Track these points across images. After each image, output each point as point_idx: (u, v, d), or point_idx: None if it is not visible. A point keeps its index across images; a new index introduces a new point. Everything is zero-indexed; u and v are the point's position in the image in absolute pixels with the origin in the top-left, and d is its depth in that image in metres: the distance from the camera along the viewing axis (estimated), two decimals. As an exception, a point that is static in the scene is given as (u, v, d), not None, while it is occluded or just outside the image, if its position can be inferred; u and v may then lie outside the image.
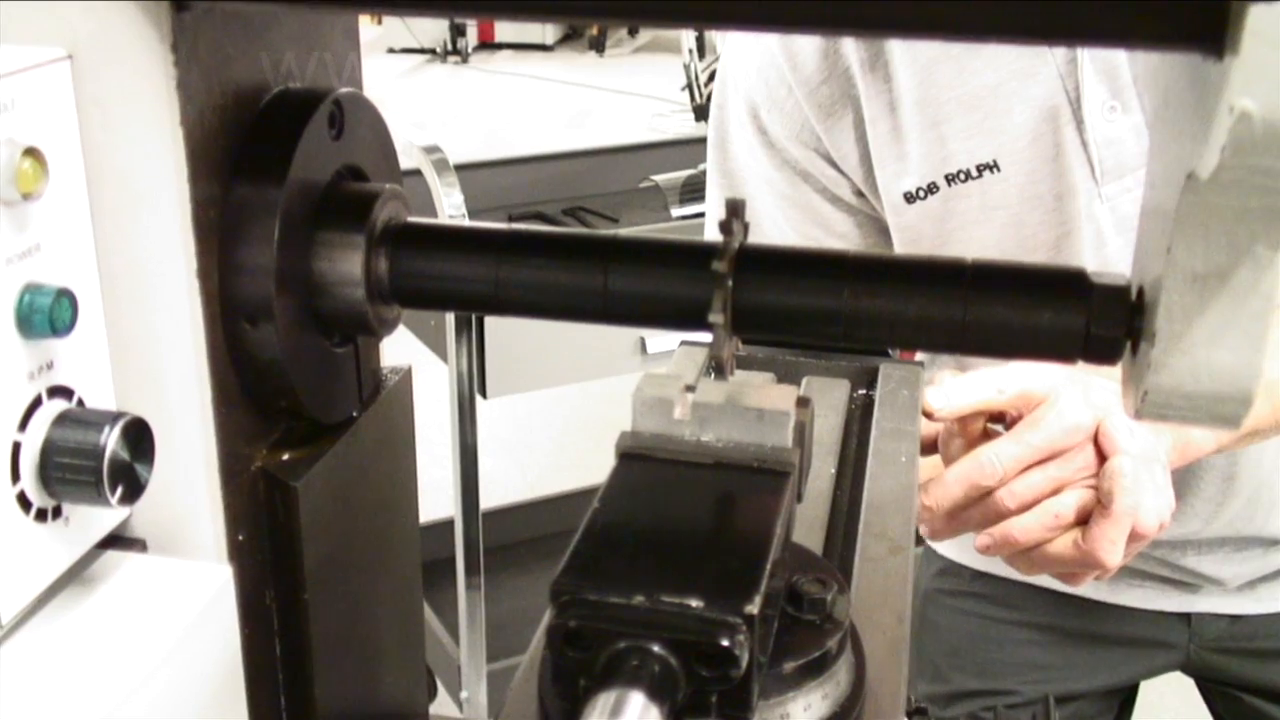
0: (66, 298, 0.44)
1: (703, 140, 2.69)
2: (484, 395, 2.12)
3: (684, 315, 0.53)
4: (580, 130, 7.34)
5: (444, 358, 2.11)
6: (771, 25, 0.46)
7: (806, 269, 0.53)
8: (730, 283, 0.52)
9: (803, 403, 0.58)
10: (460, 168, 2.19)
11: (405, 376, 0.63)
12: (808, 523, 0.75)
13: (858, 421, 0.89)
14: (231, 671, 0.52)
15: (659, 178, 2.46)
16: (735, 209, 0.53)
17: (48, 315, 0.44)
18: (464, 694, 2.34)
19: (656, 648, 0.45)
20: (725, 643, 0.44)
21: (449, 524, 2.24)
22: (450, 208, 2.03)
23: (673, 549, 0.49)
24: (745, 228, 0.54)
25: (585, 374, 2.19)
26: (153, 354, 0.50)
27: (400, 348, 0.69)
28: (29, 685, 0.44)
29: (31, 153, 0.42)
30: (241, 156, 0.52)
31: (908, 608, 0.69)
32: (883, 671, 0.63)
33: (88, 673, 0.45)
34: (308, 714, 0.59)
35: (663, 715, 0.44)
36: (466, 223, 0.54)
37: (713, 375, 0.55)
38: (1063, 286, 0.51)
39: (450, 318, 2.06)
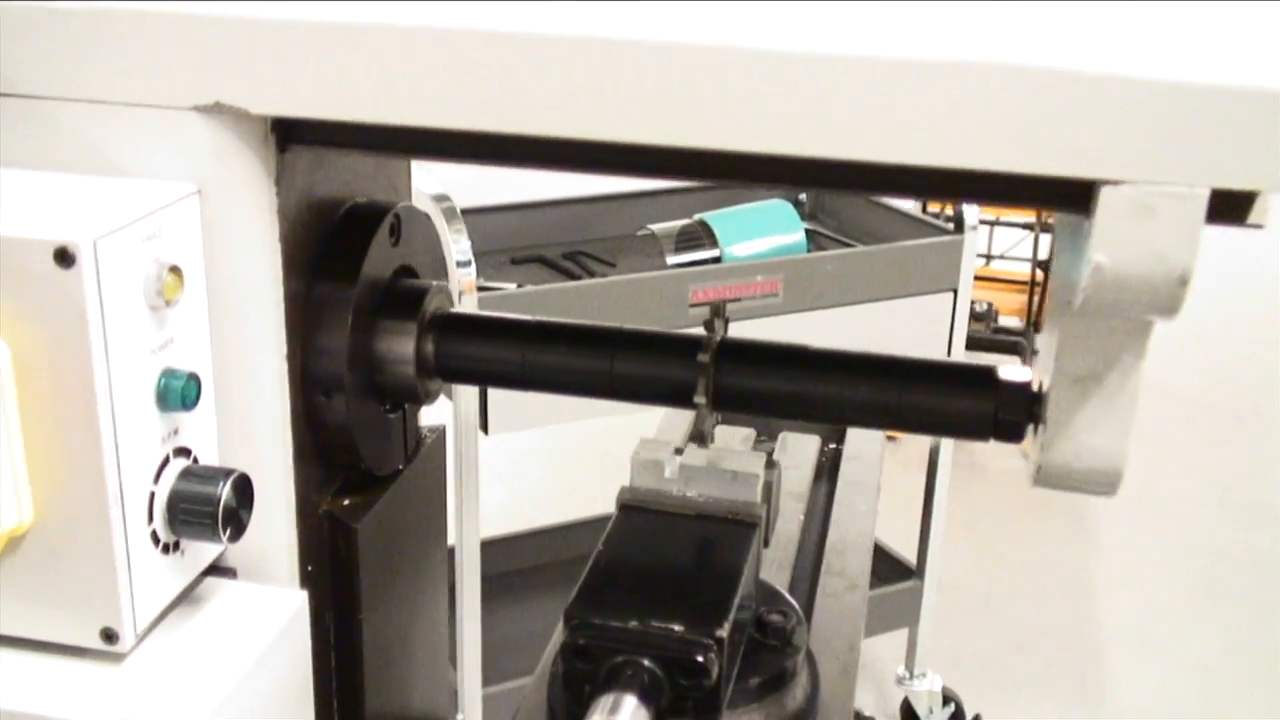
0: (194, 380, 0.57)
1: (699, 190, 2.82)
2: (485, 431, 2.23)
3: (674, 396, 0.65)
4: (582, 177, 7.46)
5: (449, 395, 2.23)
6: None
7: (774, 361, 0.66)
8: (712, 371, 0.65)
9: (770, 464, 0.71)
10: (466, 212, 2.31)
11: (440, 436, 0.76)
12: (777, 562, 0.88)
13: (826, 473, 1.02)
14: (304, 678, 0.64)
15: (655, 226, 2.59)
16: (718, 309, 0.66)
17: (179, 394, 0.56)
18: (460, 717, 2.45)
19: (647, 661, 0.57)
20: (700, 659, 0.57)
21: (449, 552, 2.35)
22: (458, 253, 2.15)
23: (661, 584, 0.61)
24: (726, 324, 0.67)
25: (580, 413, 2.30)
26: (249, 420, 0.62)
27: None
28: (154, 684, 0.57)
29: (174, 269, 0.55)
30: (321, 260, 0.64)
31: (859, 636, 0.81)
32: (834, 688, 0.75)
33: (198, 675, 0.57)
34: (358, 715, 0.72)
35: (650, 715, 0.56)
36: (499, 314, 0.66)
37: (696, 443, 0.68)
38: (975, 380, 0.64)
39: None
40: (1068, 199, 0.52)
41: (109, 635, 0.56)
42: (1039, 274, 4.57)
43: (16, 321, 0.52)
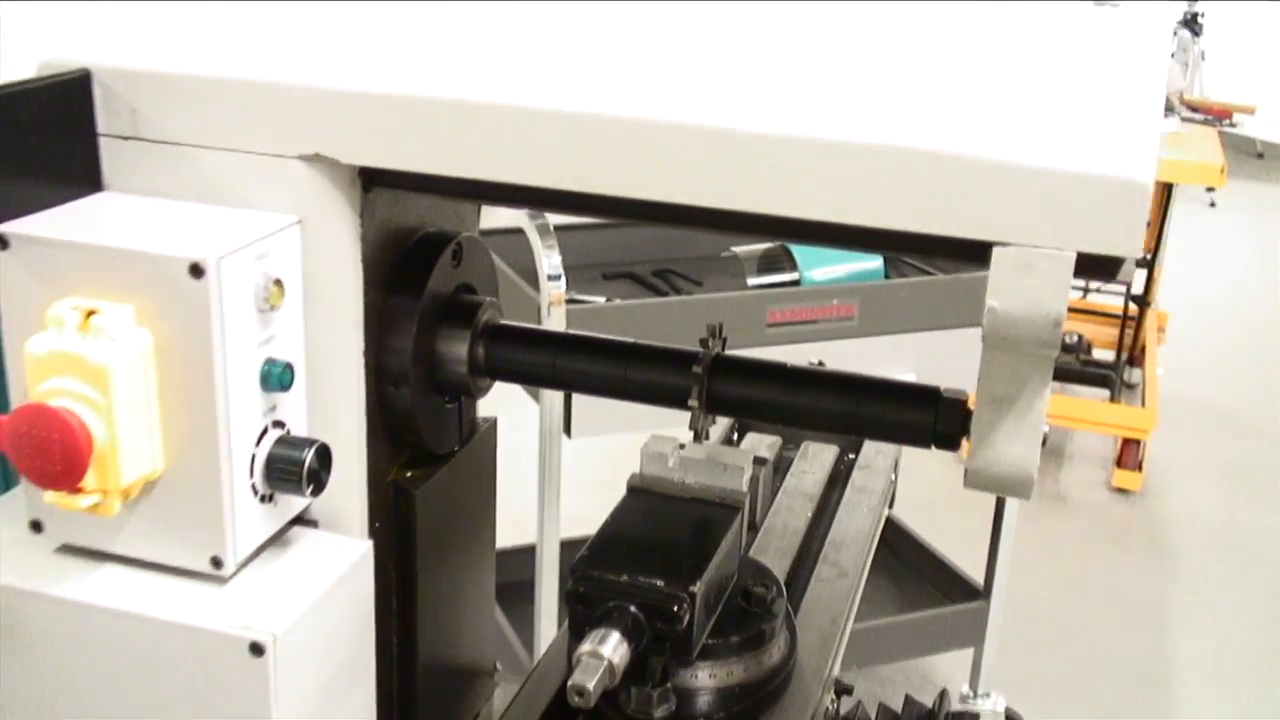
0: (289, 368, 0.73)
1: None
2: (569, 435, 2.39)
3: (674, 399, 0.80)
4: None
5: (536, 399, 2.40)
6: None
7: (755, 375, 0.80)
8: (705, 381, 0.79)
9: (759, 461, 0.85)
10: (560, 229, 2.48)
11: (492, 426, 0.92)
12: (781, 550, 1.02)
13: (841, 479, 1.15)
14: (366, 613, 0.80)
15: (739, 249, 2.74)
16: (714, 330, 0.81)
17: (277, 378, 0.72)
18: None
19: (632, 608, 0.72)
20: (675, 608, 0.72)
21: (531, 550, 2.50)
22: (550, 267, 2.31)
23: (652, 550, 0.76)
24: (724, 342, 0.82)
25: (658, 422, 2.45)
26: (332, 402, 0.78)
27: (503, 389, 0.95)
28: (247, 602, 0.73)
29: (278, 282, 0.71)
30: (394, 277, 0.80)
31: (843, 615, 0.95)
32: (813, 656, 0.89)
33: (281, 598, 0.73)
34: (412, 653, 0.88)
35: (630, 649, 0.71)
36: (537, 327, 0.81)
37: (695, 439, 0.83)
38: (921, 397, 0.78)
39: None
40: (970, 255, 0.66)
41: (216, 562, 0.73)
42: (1133, 308, 4.61)
43: (157, 318, 0.69)
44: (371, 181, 0.75)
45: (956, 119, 0.65)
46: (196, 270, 0.67)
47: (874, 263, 2.77)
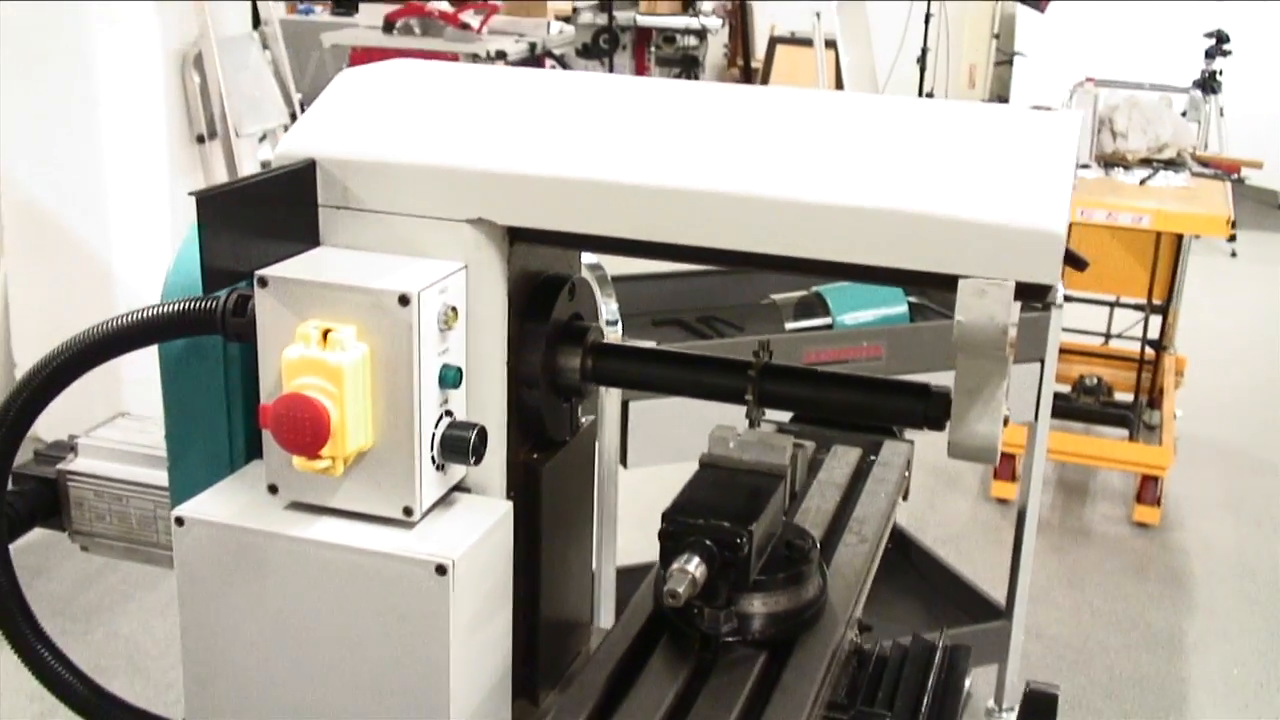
0: (459, 371, 1.02)
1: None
2: (624, 465, 2.66)
3: (734, 397, 1.09)
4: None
5: (598, 438, 2.68)
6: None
7: (793, 377, 1.09)
8: (758, 381, 1.08)
9: (798, 446, 1.13)
10: (616, 279, 2.78)
11: (594, 422, 1.20)
12: (816, 524, 1.29)
13: (864, 473, 1.43)
14: (508, 555, 1.08)
15: (777, 296, 3.03)
16: (763, 345, 1.09)
17: (452, 379, 1.01)
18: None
19: (707, 541, 1.00)
20: (738, 539, 0.99)
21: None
22: (608, 314, 2.61)
23: (719, 503, 1.04)
24: (770, 354, 1.10)
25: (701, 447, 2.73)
26: (485, 398, 1.07)
27: None
28: (430, 538, 1.01)
29: (453, 309, 1.01)
30: (529, 307, 1.09)
31: (864, 570, 1.22)
32: (839, 598, 1.17)
33: (454, 536, 1.02)
34: (535, 595, 1.15)
35: (705, 570, 0.98)
36: (630, 343, 1.10)
37: (750, 426, 1.11)
38: (916, 391, 1.06)
39: (603, 399, 2.62)
40: (944, 285, 0.94)
41: (407, 511, 1.02)
42: (1150, 352, 4.86)
43: (373, 333, 0.98)
44: (516, 237, 1.05)
45: (930, 189, 0.94)
46: (404, 300, 0.96)
47: (900, 308, 3.05)
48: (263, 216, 1.01)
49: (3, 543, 1.19)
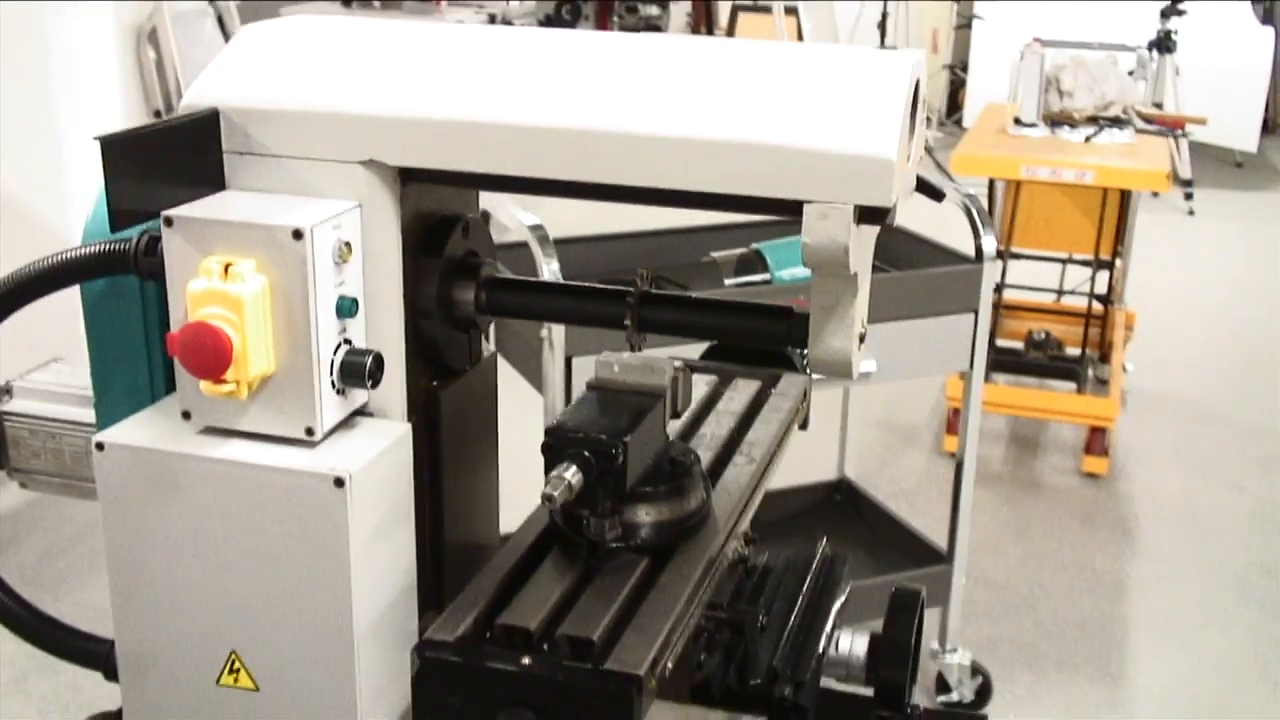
0: (355, 302, 1.11)
1: (757, 224, 3.31)
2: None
3: (614, 322, 1.17)
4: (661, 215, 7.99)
5: (539, 390, 2.76)
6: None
7: (669, 303, 1.17)
8: (636, 308, 1.16)
9: (680, 370, 1.22)
10: (560, 242, 2.86)
11: (493, 355, 1.29)
12: (709, 447, 1.38)
13: (760, 403, 1.52)
14: (407, 476, 1.17)
15: (717, 254, 3.11)
16: (643, 274, 1.18)
17: (348, 309, 1.10)
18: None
19: (585, 451, 1.08)
20: (613, 450, 1.08)
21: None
22: (549, 275, 2.69)
23: (600, 419, 1.13)
24: (652, 282, 1.19)
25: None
26: (383, 328, 1.16)
27: (508, 381, 1.32)
28: (331, 455, 1.10)
29: (347, 244, 1.09)
30: (423, 244, 1.18)
31: (749, 486, 1.31)
32: (723, 510, 1.25)
33: (353, 454, 1.10)
34: (439, 513, 1.24)
35: (582, 478, 1.07)
36: (519, 277, 1.19)
37: (631, 350, 1.20)
38: (781, 313, 1.15)
39: (547, 360, 2.70)
40: (792, 210, 1.03)
41: (309, 431, 1.10)
42: (1098, 307, 4.97)
43: (270, 267, 1.06)
44: (408, 177, 1.13)
45: (777, 122, 1.02)
46: (297, 234, 1.05)
47: (836, 263, 3.14)
48: (167, 161, 1.09)
49: (-58, 478, 1.27)
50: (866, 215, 1.02)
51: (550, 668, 1.02)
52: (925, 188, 1.16)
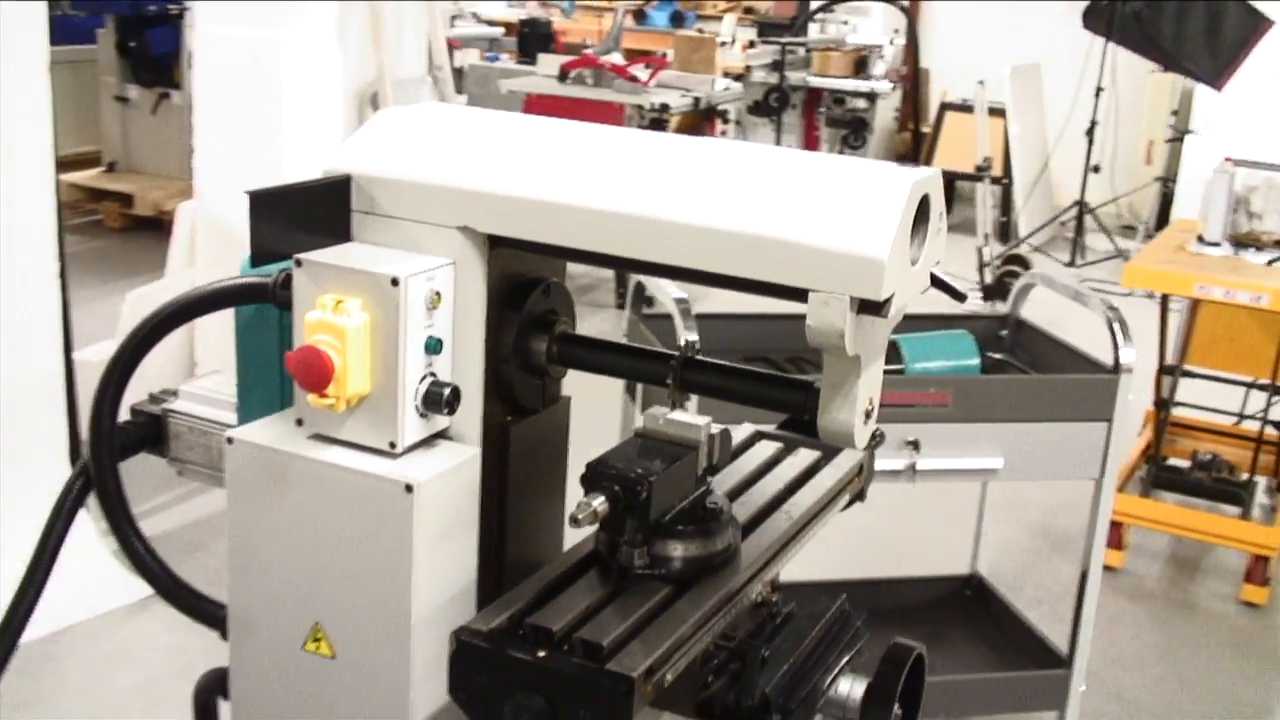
0: (441, 342, 1.33)
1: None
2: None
3: (659, 380, 1.37)
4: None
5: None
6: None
7: (707, 369, 1.36)
8: (679, 370, 1.36)
9: (716, 430, 1.40)
10: (708, 317, 3.06)
11: (566, 400, 1.50)
12: (755, 505, 1.55)
13: (814, 470, 1.68)
14: (474, 490, 1.38)
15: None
16: (690, 345, 1.37)
17: (433, 346, 1.32)
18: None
19: (615, 486, 1.28)
20: (638, 487, 1.27)
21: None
22: (687, 338, 2.89)
23: (633, 461, 1.32)
24: (696, 350, 1.38)
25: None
26: (465, 367, 1.38)
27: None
28: (412, 466, 1.32)
29: (438, 293, 1.32)
30: (505, 300, 1.40)
31: (781, 538, 1.48)
32: (752, 556, 1.42)
33: (429, 467, 1.32)
34: (502, 535, 1.45)
35: (608, 507, 1.26)
36: (588, 335, 1.40)
37: (674, 408, 1.39)
38: (801, 386, 1.32)
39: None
40: (799, 296, 1.21)
41: (391, 444, 1.33)
42: (1270, 432, 4.89)
43: (372, 306, 1.30)
44: (496, 243, 1.35)
45: (790, 221, 1.20)
46: (394, 281, 1.28)
47: (971, 361, 3.25)
48: (302, 214, 1.34)
49: (114, 459, 1.54)
50: (866, 307, 1.19)
51: (561, 662, 1.21)
52: (944, 288, 1.32)
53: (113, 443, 1.53)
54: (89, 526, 4.29)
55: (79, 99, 8.74)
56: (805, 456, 1.70)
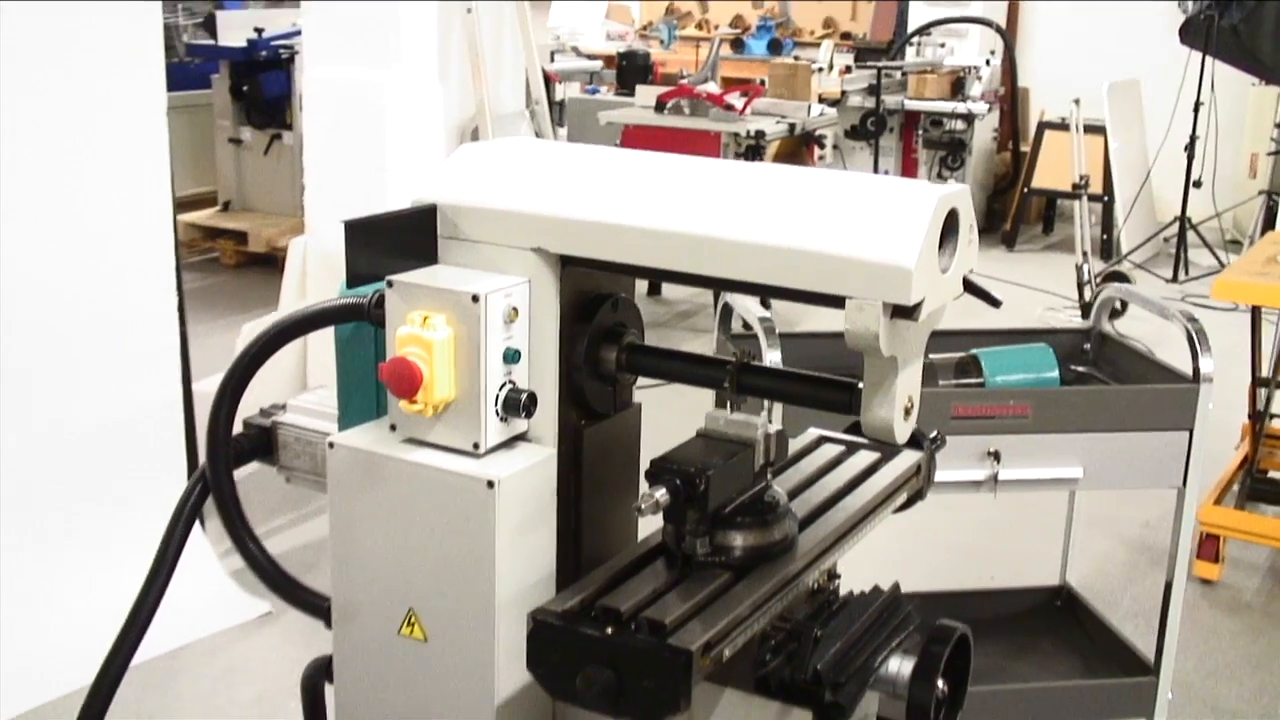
0: (518, 352, 1.47)
1: (974, 334, 3.51)
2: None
3: (715, 384, 1.49)
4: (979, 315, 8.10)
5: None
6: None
7: (762, 373, 1.49)
8: (735, 374, 1.48)
9: (772, 430, 1.52)
10: (794, 337, 3.17)
11: (637, 406, 1.63)
12: (813, 502, 1.66)
13: (873, 470, 1.79)
14: (550, 488, 1.52)
15: (935, 356, 3.35)
16: (745, 351, 1.50)
17: (512, 356, 1.47)
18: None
19: (676, 479, 1.40)
20: (697, 479, 1.40)
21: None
22: (769, 361, 3.01)
23: (692, 458, 1.44)
24: (751, 357, 1.50)
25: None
26: (541, 375, 1.52)
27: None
28: (492, 465, 1.46)
29: (514, 309, 1.46)
30: (578, 314, 1.54)
31: (836, 531, 1.59)
32: (809, 546, 1.54)
33: (511, 465, 1.46)
34: (578, 529, 1.58)
35: (668, 497, 1.39)
36: (651, 345, 1.54)
37: (733, 409, 1.51)
38: (847, 386, 1.44)
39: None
40: (837, 303, 1.33)
41: (475, 445, 1.47)
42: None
43: (456, 321, 1.45)
44: (567, 262, 1.50)
45: (828, 234, 1.33)
46: (475, 299, 1.43)
47: (1050, 374, 3.32)
48: (393, 240, 1.50)
49: (230, 466, 1.71)
50: (899, 312, 1.31)
51: (627, 638, 1.34)
52: (978, 293, 1.43)
53: (228, 451, 1.69)
54: (207, 549, 4.52)
55: (195, 142, 9.15)
56: (865, 458, 1.81)
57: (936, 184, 1.35)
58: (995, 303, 1.44)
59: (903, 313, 1.31)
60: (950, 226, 1.35)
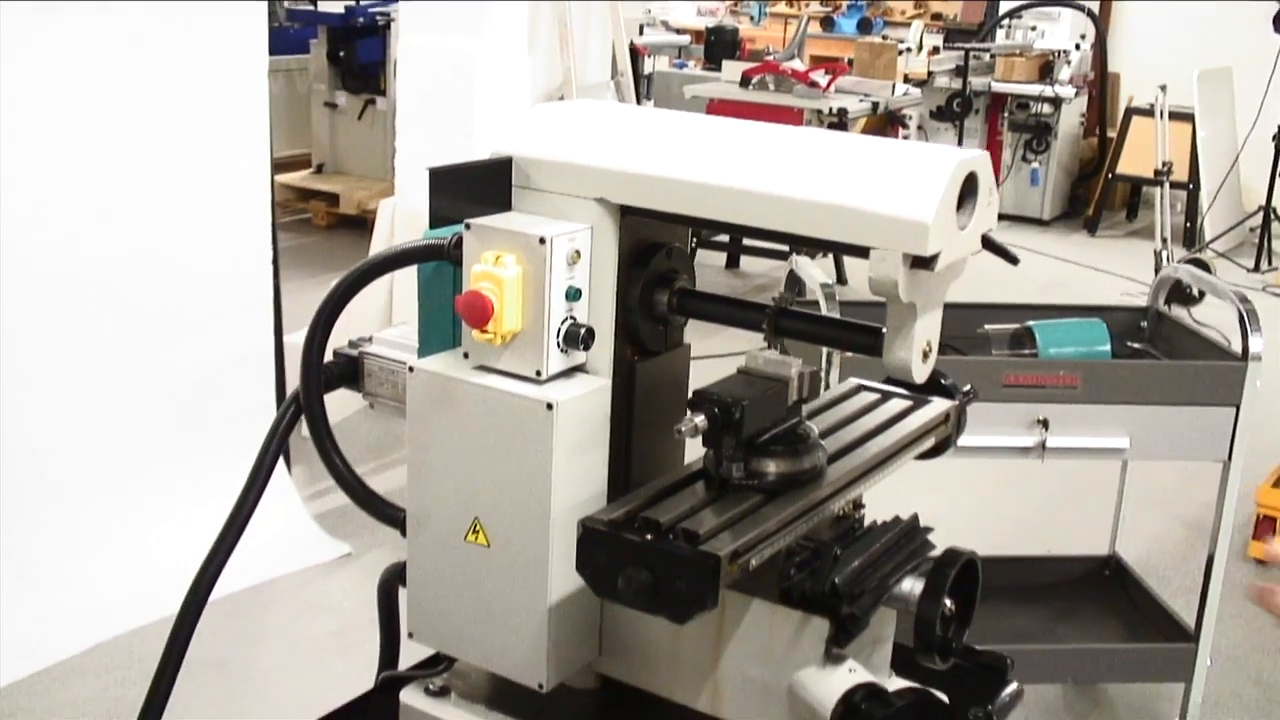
0: (579, 290, 1.65)
1: (1029, 307, 3.62)
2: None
3: (754, 326, 1.66)
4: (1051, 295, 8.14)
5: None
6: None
7: (797, 316, 1.65)
8: (774, 317, 1.65)
9: (806, 367, 1.68)
10: (854, 304, 3.32)
11: (687, 346, 1.80)
12: (846, 439, 1.82)
13: (905, 414, 1.94)
14: (604, 413, 1.70)
15: (990, 327, 3.48)
16: (785, 297, 1.66)
17: (574, 294, 1.64)
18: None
19: (715, 408, 1.57)
20: (732, 407, 1.56)
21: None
22: (829, 324, 3.15)
23: (731, 390, 1.61)
24: (789, 301, 1.67)
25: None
26: (599, 312, 1.69)
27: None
28: (555, 390, 1.64)
29: (577, 251, 1.64)
30: (634, 259, 1.71)
31: (864, 464, 1.75)
32: (837, 476, 1.70)
33: (573, 391, 1.64)
34: (629, 455, 1.76)
35: (708, 424, 1.56)
36: (700, 290, 1.71)
37: (770, 349, 1.68)
38: (872, 330, 1.60)
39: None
40: (861, 253, 1.48)
41: (538, 373, 1.65)
42: None
43: (524, 261, 1.63)
44: (626, 211, 1.67)
45: (856, 190, 1.48)
46: (542, 241, 1.60)
47: (1103, 347, 3.43)
48: (472, 188, 1.68)
49: (320, 390, 1.91)
50: (918, 262, 1.47)
51: (663, 544, 1.51)
52: (996, 249, 1.58)
53: (319, 376, 1.89)
54: (293, 492, 4.78)
55: (292, 105, 9.45)
56: (898, 404, 1.97)
57: (957, 149, 1.50)
58: (1013, 259, 1.58)
59: (921, 263, 1.47)
60: (970, 188, 1.50)
